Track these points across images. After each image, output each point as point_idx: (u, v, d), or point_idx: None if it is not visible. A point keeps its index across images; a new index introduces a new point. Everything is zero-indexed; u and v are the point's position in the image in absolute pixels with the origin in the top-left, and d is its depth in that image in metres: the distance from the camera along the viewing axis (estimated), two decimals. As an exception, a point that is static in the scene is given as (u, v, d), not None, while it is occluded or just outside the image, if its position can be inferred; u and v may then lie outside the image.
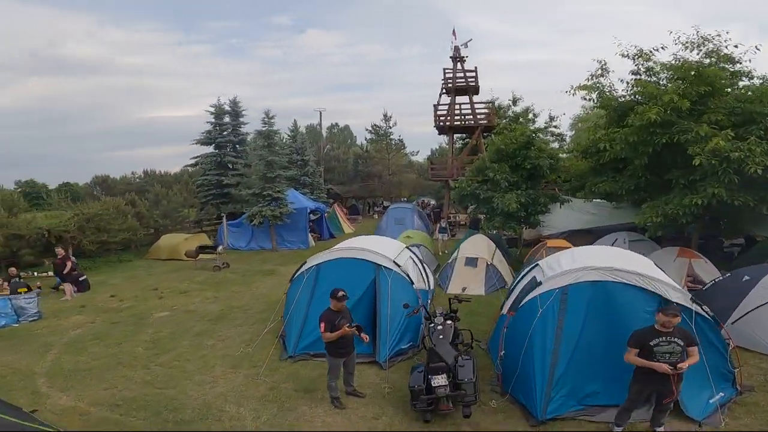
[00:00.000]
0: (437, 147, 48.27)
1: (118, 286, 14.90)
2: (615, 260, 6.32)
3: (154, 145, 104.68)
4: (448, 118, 23.77)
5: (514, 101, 26.76)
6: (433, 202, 51.08)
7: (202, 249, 17.49)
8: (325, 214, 25.28)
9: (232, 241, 22.46)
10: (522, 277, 7.95)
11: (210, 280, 15.21)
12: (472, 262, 12.83)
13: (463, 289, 12.28)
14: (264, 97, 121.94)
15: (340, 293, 6.15)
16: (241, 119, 26.46)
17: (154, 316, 11.09)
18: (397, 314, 7.53)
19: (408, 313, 7.09)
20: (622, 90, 12.00)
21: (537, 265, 7.54)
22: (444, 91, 25.20)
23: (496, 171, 13.90)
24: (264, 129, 19.87)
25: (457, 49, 25.30)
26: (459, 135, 27.92)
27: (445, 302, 7.63)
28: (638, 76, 11.54)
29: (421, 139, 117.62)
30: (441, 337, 6.15)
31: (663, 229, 10.91)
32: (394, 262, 8.28)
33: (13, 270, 13.97)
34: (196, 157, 26.48)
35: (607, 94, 12.10)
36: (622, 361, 5.08)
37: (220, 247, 17.08)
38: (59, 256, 13.08)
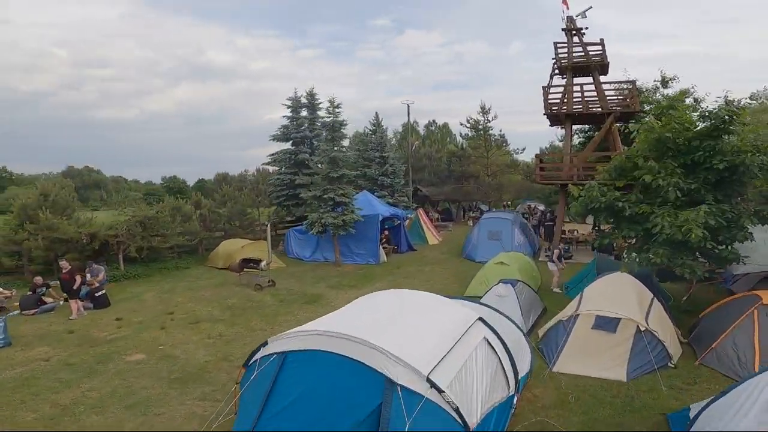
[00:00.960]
0: (547, 145, 41.07)
1: (143, 303, 12.77)
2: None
3: (266, 146, 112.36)
4: (564, 103, 17.97)
5: (664, 82, 19.88)
6: (541, 207, 44.07)
7: (246, 263, 14.75)
8: (405, 222, 21.30)
9: (297, 250, 19.73)
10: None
11: (240, 305, 12.28)
12: (608, 324, 7.72)
13: (586, 370, 7.35)
14: (368, 98, 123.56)
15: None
16: (318, 113, 23.79)
17: (123, 360, 8.48)
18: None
19: None
20: None
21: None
22: (556, 70, 19.44)
23: (657, 173, 8.48)
24: (328, 119, 16.58)
25: (570, 19, 19.29)
26: (579, 126, 21.77)
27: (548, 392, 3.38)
28: None
29: (526, 138, 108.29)
30: None
31: None
32: (428, 379, 3.91)
33: (38, 279, 12.48)
34: (273, 155, 24.43)
35: None
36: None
37: (264, 263, 14.11)
38: (64, 270, 11.07)
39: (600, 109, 17.60)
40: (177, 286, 15.00)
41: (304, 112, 23.83)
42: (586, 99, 18.02)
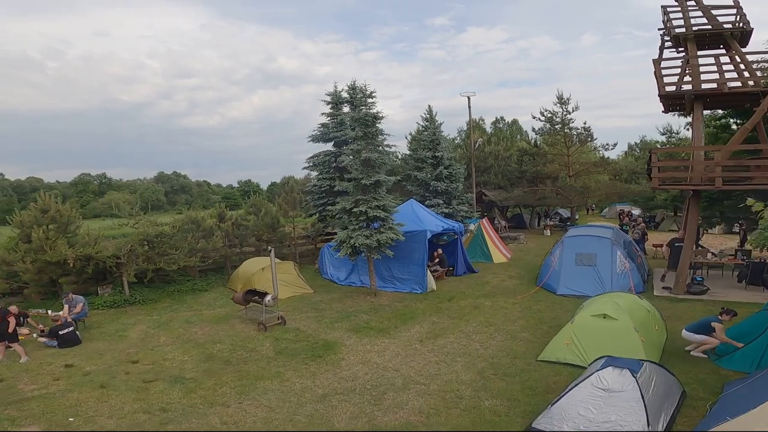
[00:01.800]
0: (637, 141, 34.05)
1: (119, 342, 10.42)
2: None
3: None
4: (690, 81, 12.55)
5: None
6: (636, 211, 37.15)
7: (251, 294, 11.70)
8: (463, 237, 17.16)
9: (331, 270, 16.50)
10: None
11: (224, 355, 9.22)
12: None
13: None
14: (431, 98, 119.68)
15: None
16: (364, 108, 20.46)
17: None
18: None
19: None
20: None
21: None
22: (668, 42, 14.17)
23: None
24: (360, 111, 13.04)
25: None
26: (709, 112, 16.12)
27: None
28: None
29: (608, 135, 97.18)
30: None
31: None
32: None
33: (14, 308, 10.34)
34: (312, 157, 21.50)
35: None
36: None
37: (269, 298, 10.95)
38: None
39: (749, 87, 12.11)
40: (176, 317, 12.40)
41: (346, 109, 20.65)
42: (725, 76, 12.60)
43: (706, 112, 16.33)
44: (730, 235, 29.19)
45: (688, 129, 16.77)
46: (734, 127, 16.13)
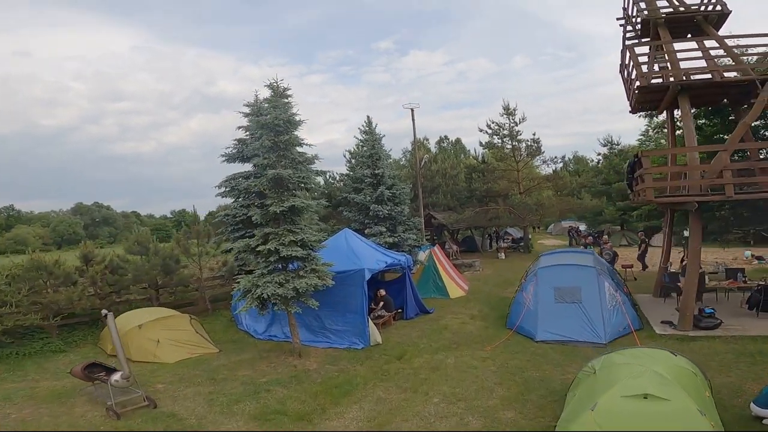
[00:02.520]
0: (569, 157, 33.08)
1: None
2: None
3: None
4: (671, 71, 10.37)
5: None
6: (582, 227, 36.28)
7: (96, 369, 7.80)
8: (412, 270, 14.00)
9: (248, 320, 12.68)
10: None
11: None
12: None
13: None
14: (378, 122, 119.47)
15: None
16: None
17: None
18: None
19: None
20: None
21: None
22: (632, 31, 12.32)
23: None
24: (267, 117, 9.63)
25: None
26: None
27: None
28: None
29: (548, 154, 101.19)
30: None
31: None
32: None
33: None
34: (226, 181, 17.56)
35: None
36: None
37: (117, 377, 7.12)
38: None
39: (736, 75, 10.17)
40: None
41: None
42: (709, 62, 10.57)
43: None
44: (677, 247, 28.55)
45: (658, 132, 15.03)
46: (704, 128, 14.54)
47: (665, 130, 15.28)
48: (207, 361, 10.24)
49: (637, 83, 10.29)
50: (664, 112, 12.91)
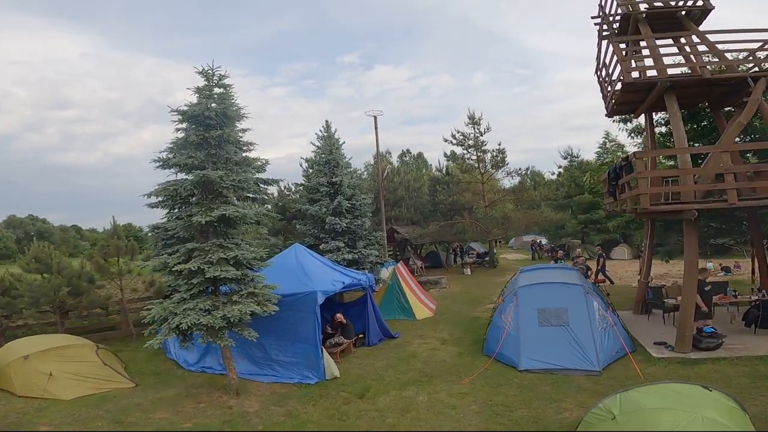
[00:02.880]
0: (560, 170, 32.39)
1: None
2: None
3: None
4: (654, 67, 9.46)
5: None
6: (542, 240, 36.00)
7: None
8: (374, 290, 12.31)
9: (177, 348, 10.43)
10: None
11: None
12: None
13: None
14: (340, 135, 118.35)
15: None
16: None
17: None
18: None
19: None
20: None
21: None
22: (608, 31, 11.53)
23: None
24: (197, 106, 7.84)
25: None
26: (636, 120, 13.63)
27: None
28: None
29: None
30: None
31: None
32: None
33: None
34: (158, 188, 15.24)
35: None
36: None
37: None
38: None
39: (734, 72, 9.40)
40: None
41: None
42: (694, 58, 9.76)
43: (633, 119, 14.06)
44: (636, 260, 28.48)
45: (633, 137, 14.44)
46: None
47: (632, 138, 14.72)
48: (116, 399, 8.20)
49: (620, 81, 9.31)
50: (642, 115, 12.19)
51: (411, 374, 9.22)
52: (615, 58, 9.93)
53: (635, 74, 9.44)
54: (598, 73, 12.07)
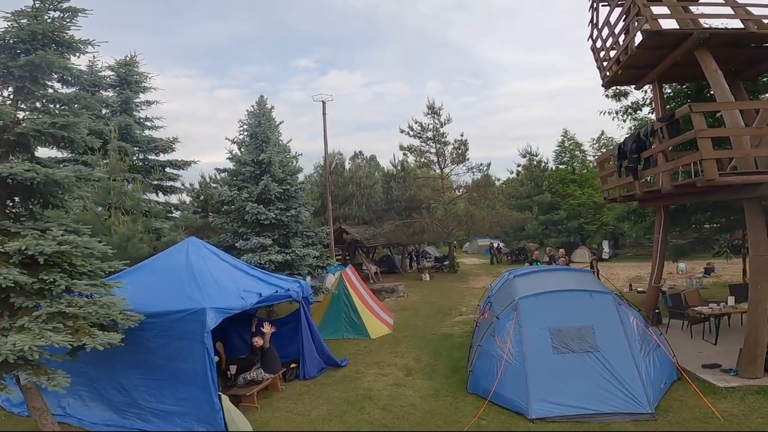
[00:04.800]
0: (519, 168, 30.29)
1: None
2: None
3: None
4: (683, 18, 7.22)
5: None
6: (499, 244, 34.12)
7: None
8: (309, 303, 8.92)
9: None
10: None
11: None
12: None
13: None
14: (293, 140, 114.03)
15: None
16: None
17: None
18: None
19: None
20: None
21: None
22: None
23: None
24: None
25: None
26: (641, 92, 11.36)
27: None
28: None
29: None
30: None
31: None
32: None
33: None
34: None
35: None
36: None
37: None
38: None
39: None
40: None
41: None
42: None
43: (637, 93, 11.88)
44: (631, 261, 26.50)
45: (628, 115, 12.00)
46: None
47: (627, 118, 12.50)
48: None
49: (641, 33, 6.82)
50: (647, 87, 10.02)
51: (368, 426, 6.05)
52: (623, 15, 7.66)
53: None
54: (593, 40, 9.87)
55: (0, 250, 3.75)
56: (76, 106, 5.08)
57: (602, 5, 9.75)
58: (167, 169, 13.12)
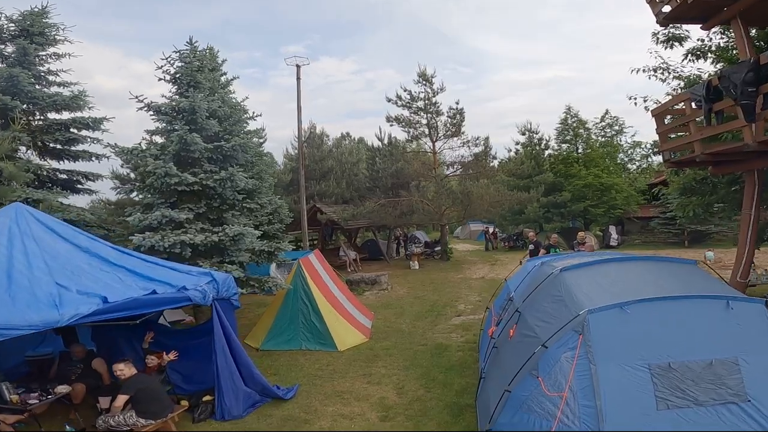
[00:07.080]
0: (518, 146, 26.90)
1: None
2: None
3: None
4: None
5: None
6: (491, 228, 31.47)
7: None
8: (236, 307, 5.94)
9: None
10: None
11: None
12: None
13: None
14: (283, 126, 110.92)
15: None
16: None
17: None
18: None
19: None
20: None
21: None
22: None
23: None
24: None
25: None
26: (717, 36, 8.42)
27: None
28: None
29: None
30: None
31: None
32: None
33: None
34: None
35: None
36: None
37: None
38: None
39: None
40: None
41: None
42: None
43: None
44: (641, 249, 24.02)
45: (690, 61, 9.13)
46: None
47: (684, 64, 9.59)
48: None
49: None
50: (717, 26, 7.15)
51: None
52: None
53: None
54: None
55: None
56: None
57: None
58: (72, 130, 9.95)
